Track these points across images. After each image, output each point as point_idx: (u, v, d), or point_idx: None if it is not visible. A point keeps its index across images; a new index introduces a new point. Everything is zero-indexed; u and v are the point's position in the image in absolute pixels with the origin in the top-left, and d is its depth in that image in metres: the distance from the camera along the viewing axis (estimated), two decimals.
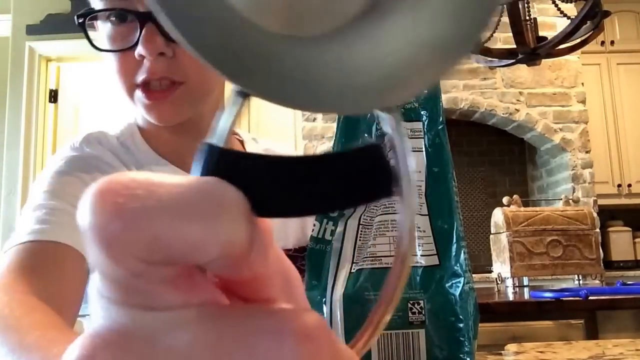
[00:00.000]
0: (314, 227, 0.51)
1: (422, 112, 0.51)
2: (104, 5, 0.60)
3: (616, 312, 1.78)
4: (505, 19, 2.26)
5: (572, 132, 3.58)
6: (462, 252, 0.48)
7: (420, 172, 0.50)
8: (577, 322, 1.75)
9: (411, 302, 0.47)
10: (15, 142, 3.32)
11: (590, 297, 1.74)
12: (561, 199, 2.54)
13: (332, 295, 0.48)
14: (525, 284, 2.31)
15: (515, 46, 2.30)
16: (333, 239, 0.50)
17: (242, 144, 0.76)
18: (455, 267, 0.48)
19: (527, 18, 2.31)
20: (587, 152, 3.57)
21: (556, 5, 2.26)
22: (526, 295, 2.02)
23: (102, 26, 0.62)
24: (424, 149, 0.50)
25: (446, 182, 0.50)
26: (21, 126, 3.31)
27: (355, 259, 0.49)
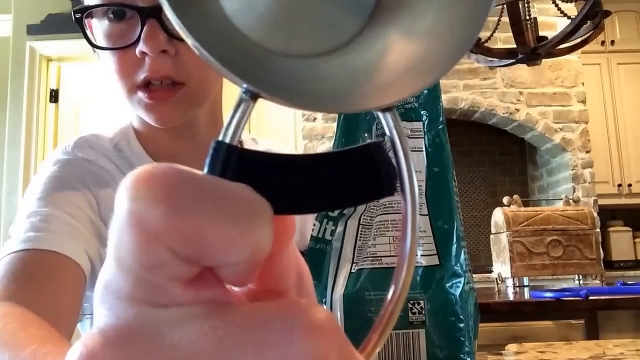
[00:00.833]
0: (314, 227, 0.51)
1: (422, 112, 0.51)
2: (100, 0, 0.57)
3: (616, 312, 1.78)
4: (506, 19, 2.26)
5: (572, 132, 3.58)
6: (463, 252, 0.48)
7: (420, 172, 0.50)
8: (577, 322, 1.75)
9: (411, 302, 0.47)
10: (16, 142, 3.32)
11: (591, 297, 1.74)
12: (561, 199, 2.54)
13: (332, 295, 0.48)
14: (525, 284, 2.31)
15: (515, 46, 2.29)
16: (333, 239, 0.50)
17: (241, 144, 0.76)
18: (455, 267, 0.48)
19: (528, 18, 2.31)
20: (587, 152, 3.57)
21: (556, 5, 2.26)
22: (526, 295, 2.02)
23: (98, 24, 0.59)
24: (424, 149, 0.50)
25: (446, 182, 0.50)
26: (22, 126, 3.31)
27: (355, 259, 0.49)
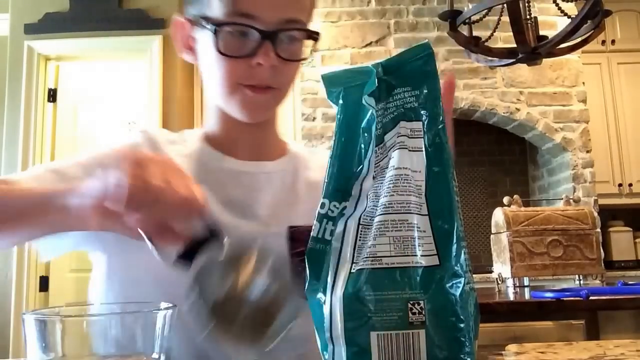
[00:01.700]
0: (313, 227, 0.51)
1: (422, 112, 0.51)
2: (225, 18, 0.71)
3: (617, 313, 1.77)
4: (506, 18, 2.25)
5: (572, 132, 3.58)
6: (463, 252, 0.47)
7: (420, 172, 0.49)
8: (577, 323, 1.74)
9: (411, 302, 0.46)
10: (14, 142, 3.31)
11: (591, 297, 1.73)
12: (562, 199, 2.53)
13: (332, 295, 0.48)
14: (525, 284, 2.30)
15: (515, 45, 2.29)
16: (332, 238, 0.50)
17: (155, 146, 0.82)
18: (455, 267, 0.47)
19: (528, 17, 2.30)
20: (587, 152, 3.56)
21: (557, 5, 2.25)
22: (527, 296, 2.01)
23: (205, 34, 0.74)
24: (423, 149, 0.50)
25: (446, 181, 0.49)
26: (20, 125, 3.31)
27: (355, 259, 0.49)
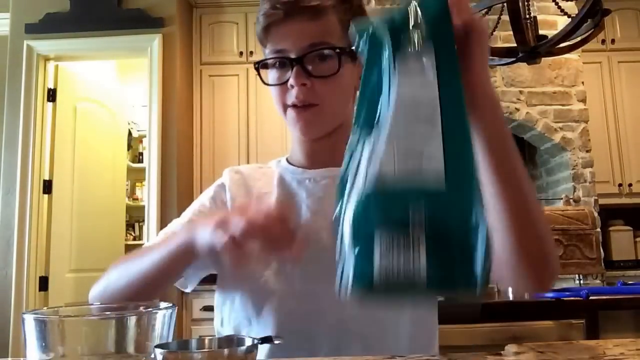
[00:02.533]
0: (344, 161, 0.57)
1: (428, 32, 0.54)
2: (271, 54, 0.89)
3: (617, 312, 1.77)
4: (506, 17, 2.25)
5: (572, 131, 3.57)
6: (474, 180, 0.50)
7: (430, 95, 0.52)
8: (577, 322, 1.74)
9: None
10: (14, 141, 3.31)
11: (591, 297, 1.73)
12: (562, 199, 2.53)
13: (344, 216, 0.52)
14: None
15: (515, 45, 2.28)
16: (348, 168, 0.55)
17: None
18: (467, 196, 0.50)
19: (528, 16, 2.30)
20: (587, 151, 3.56)
21: (557, 4, 2.25)
22: (526, 295, 2.01)
23: (269, 71, 0.91)
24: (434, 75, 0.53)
25: (459, 106, 0.53)
26: (19, 125, 3.30)
27: (365, 185, 0.52)
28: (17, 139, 3.30)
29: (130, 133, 4.78)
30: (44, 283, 3.25)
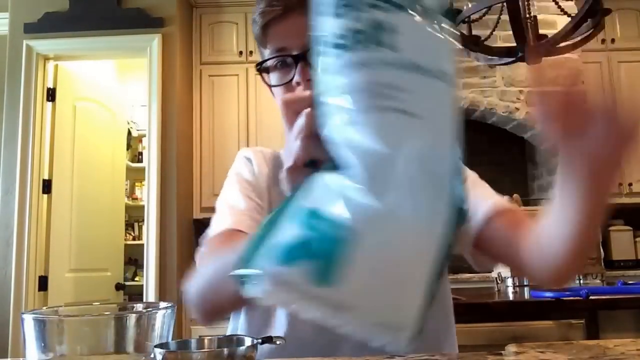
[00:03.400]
0: None
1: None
2: (272, 54, 0.85)
3: (617, 312, 1.77)
4: (505, 17, 2.25)
5: None
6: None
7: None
8: (577, 322, 1.74)
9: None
10: (13, 141, 3.30)
11: (591, 297, 1.73)
12: None
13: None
14: (525, 283, 2.30)
15: (515, 44, 2.28)
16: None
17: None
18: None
19: (527, 16, 2.30)
20: None
21: (556, 3, 2.25)
22: (526, 295, 2.01)
23: (271, 73, 0.87)
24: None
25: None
26: (19, 125, 3.30)
27: None
28: (17, 139, 3.29)
29: (129, 133, 4.77)
30: (43, 283, 3.24)
